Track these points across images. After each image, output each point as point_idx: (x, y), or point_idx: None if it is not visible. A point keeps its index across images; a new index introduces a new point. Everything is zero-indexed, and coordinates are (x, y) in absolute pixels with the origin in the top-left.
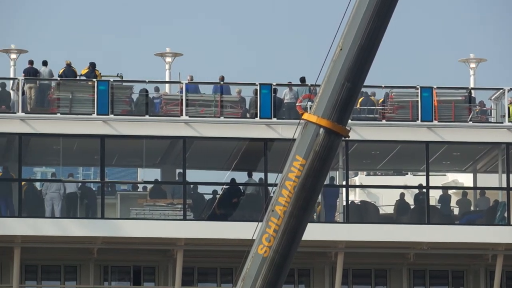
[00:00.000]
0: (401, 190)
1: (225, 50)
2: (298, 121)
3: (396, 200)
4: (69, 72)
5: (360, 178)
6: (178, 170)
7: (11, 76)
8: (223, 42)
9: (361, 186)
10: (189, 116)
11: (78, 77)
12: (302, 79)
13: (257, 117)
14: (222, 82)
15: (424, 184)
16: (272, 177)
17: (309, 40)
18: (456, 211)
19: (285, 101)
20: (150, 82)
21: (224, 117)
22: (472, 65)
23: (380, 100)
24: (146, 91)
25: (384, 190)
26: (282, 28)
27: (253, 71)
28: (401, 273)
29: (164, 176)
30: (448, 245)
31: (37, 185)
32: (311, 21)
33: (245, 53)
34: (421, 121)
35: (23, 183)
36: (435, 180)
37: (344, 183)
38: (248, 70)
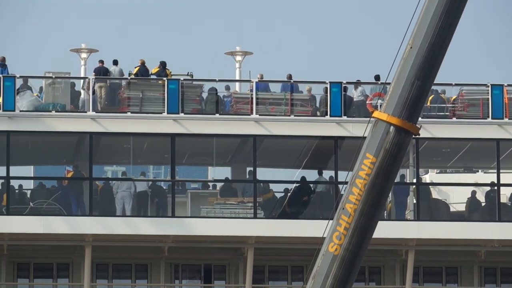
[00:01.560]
0: (472, 188)
1: (295, 48)
2: (369, 119)
3: (468, 198)
4: (143, 71)
5: (430, 176)
6: (248, 168)
7: (82, 75)
8: (293, 41)
9: (432, 184)
10: (259, 115)
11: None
12: (377, 77)
13: (327, 115)
14: (292, 80)
15: (495, 182)
16: (342, 175)
17: (379, 38)
18: None
19: (354, 99)
20: (220, 80)
21: (295, 115)
22: None
23: (452, 98)
24: (216, 90)
25: (455, 188)
26: (352, 26)
27: (323, 69)
28: (472, 270)
29: (235, 175)
30: None
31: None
32: (379, 19)
33: (314, 51)
34: (492, 118)
35: (97, 182)
36: (506, 178)
37: (414, 180)
38: (317, 68)
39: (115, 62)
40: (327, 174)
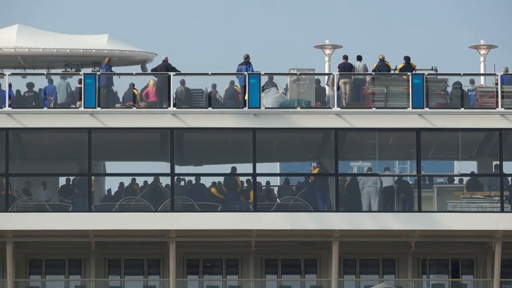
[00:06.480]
0: None
1: None
2: None
3: None
4: (382, 66)
5: None
6: (494, 162)
7: (326, 71)
8: None
9: None
10: (505, 108)
11: (392, 71)
12: None
13: None
14: None
15: None
16: None
17: None
18: None
19: None
20: (464, 74)
21: None
22: None
23: None
24: (461, 83)
25: None
26: None
27: None
28: None
29: (481, 168)
30: None
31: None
32: None
33: None
34: None
35: (347, 178)
36: None
37: None
38: None
39: (359, 58)
40: None
